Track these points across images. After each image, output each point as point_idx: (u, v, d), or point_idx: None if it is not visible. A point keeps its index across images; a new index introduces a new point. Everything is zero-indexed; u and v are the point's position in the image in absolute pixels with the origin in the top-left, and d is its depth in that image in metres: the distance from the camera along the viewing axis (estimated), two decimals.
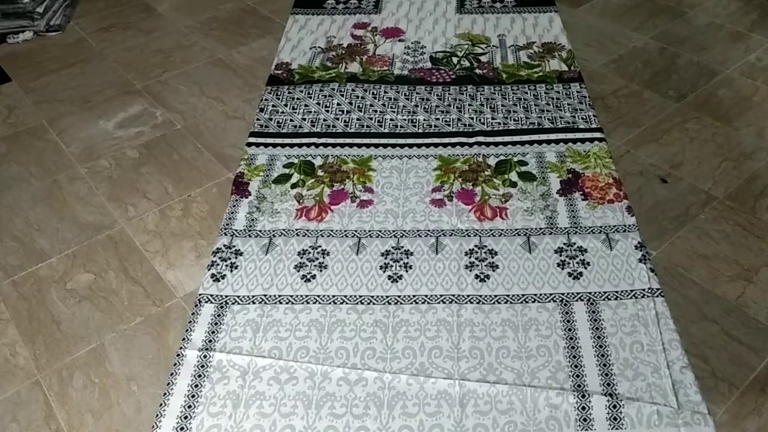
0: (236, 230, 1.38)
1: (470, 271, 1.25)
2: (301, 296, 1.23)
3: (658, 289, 1.20)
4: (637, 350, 1.10)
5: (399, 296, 1.22)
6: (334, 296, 1.23)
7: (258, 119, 1.69)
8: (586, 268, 1.25)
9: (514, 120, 1.63)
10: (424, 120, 1.65)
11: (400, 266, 1.27)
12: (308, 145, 1.59)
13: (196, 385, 1.11)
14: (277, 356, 1.14)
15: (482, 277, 1.24)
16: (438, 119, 1.65)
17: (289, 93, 1.77)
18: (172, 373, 1.13)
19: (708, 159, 2.13)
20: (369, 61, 1.90)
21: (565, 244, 1.29)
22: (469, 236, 1.32)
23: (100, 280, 1.43)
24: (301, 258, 1.30)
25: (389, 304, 1.21)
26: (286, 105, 1.73)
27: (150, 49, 2.23)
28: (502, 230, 1.33)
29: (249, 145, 1.60)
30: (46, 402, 1.22)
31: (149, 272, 1.43)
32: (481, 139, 1.57)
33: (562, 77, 1.79)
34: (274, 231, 1.37)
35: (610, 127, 2.24)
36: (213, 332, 1.19)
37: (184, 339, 1.18)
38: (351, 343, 1.15)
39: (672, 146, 2.19)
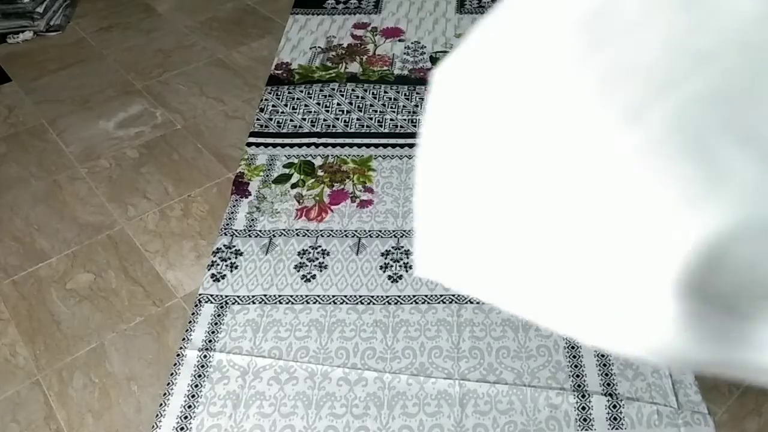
0: (236, 230, 1.38)
1: None
2: (301, 296, 1.23)
3: None
4: None
5: (399, 296, 1.22)
6: (334, 296, 1.23)
7: (258, 119, 1.69)
8: None
9: None
10: None
11: (400, 266, 1.27)
12: (308, 145, 1.59)
13: (196, 385, 1.11)
14: (277, 356, 1.14)
15: None
16: None
17: (289, 93, 1.77)
18: (172, 373, 1.13)
19: None
20: (369, 61, 1.90)
21: None
22: None
23: (100, 280, 1.43)
24: (301, 258, 1.30)
25: (389, 304, 1.21)
26: (286, 105, 1.73)
27: (150, 49, 2.23)
28: None
29: (249, 145, 1.60)
30: (46, 402, 1.22)
31: (149, 272, 1.43)
32: None
33: None
34: (274, 231, 1.37)
35: None
36: (213, 332, 1.19)
37: (184, 339, 1.18)
38: (351, 343, 1.15)
39: None
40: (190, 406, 1.08)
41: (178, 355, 1.17)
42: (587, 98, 0.28)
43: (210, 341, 1.17)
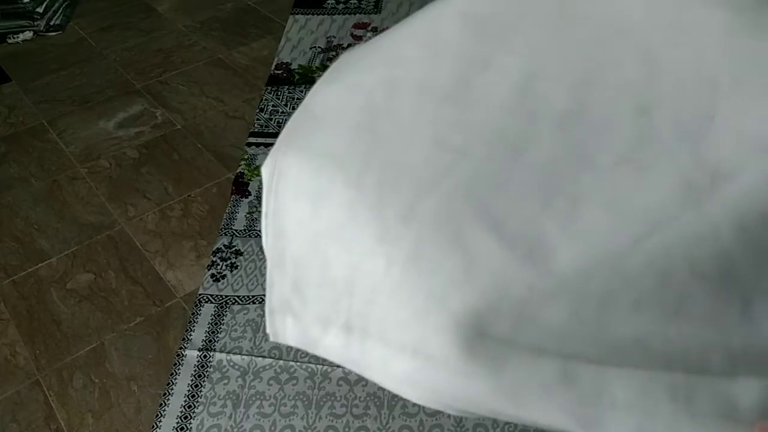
0: (236, 230, 1.38)
1: None
2: None
3: None
4: None
5: None
6: None
7: (258, 119, 1.69)
8: None
9: None
10: None
11: None
12: None
13: (196, 385, 1.11)
14: (277, 356, 1.14)
15: None
16: None
17: (289, 93, 1.77)
18: (172, 373, 1.13)
19: None
20: None
21: None
22: None
23: (100, 280, 1.43)
24: None
25: None
26: (286, 105, 1.73)
27: (150, 49, 2.23)
28: None
29: (249, 145, 1.60)
30: (46, 402, 1.22)
31: (149, 272, 1.43)
32: None
33: None
34: None
35: None
36: (213, 332, 1.19)
37: (184, 339, 1.18)
38: None
39: None
40: (190, 406, 1.08)
41: (178, 355, 1.17)
42: (366, 203, 0.32)
43: (210, 341, 1.17)
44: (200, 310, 1.23)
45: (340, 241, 0.32)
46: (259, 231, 1.38)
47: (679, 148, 0.29)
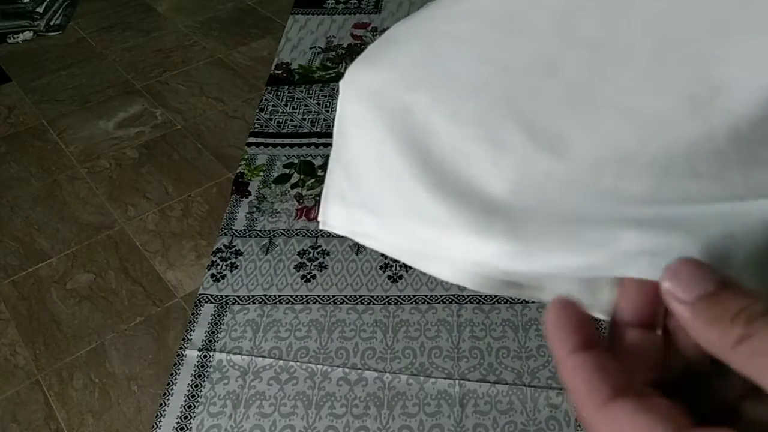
0: (236, 230, 1.38)
1: None
2: (301, 296, 1.23)
3: None
4: None
5: (399, 296, 1.22)
6: (334, 296, 1.23)
7: (258, 119, 1.69)
8: None
9: None
10: None
11: (400, 266, 1.27)
12: (308, 145, 1.59)
13: (196, 385, 1.11)
14: (277, 356, 1.14)
15: None
16: None
17: (289, 93, 1.77)
18: (172, 373, 1.13)
19: None
20: None
21: None
22: None
23: (100, 280, 1.43)
24: (301, 258, 1.30)
25: (389, 304, 1.21)
26: (286, 105, 1.73)
27: (150, 49, 2.23)
28: None
29: (249, 145, 1.60)
30: (46, 402, 1.22)
31: (149, 272, 1.43)
32: None
33: None
34: (274, 231, 1.37)
35: None
36: (213, 332, 1.19)
37: (184, 339, 1.18)
38: (351, 343, 1.15)
39: None
40: (190, 406, 1.09)
41: (178, 355, 1.17)
42: (420, 105, 0.38)
43: (210, 341, 1.17)
44: (200, 310, 1.23)
45: (392, 139, 0.38)
46: (258, 231, 1.38)
47: (689, 71, 0.34)
